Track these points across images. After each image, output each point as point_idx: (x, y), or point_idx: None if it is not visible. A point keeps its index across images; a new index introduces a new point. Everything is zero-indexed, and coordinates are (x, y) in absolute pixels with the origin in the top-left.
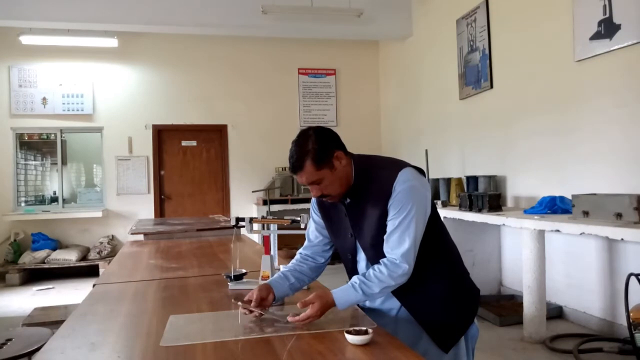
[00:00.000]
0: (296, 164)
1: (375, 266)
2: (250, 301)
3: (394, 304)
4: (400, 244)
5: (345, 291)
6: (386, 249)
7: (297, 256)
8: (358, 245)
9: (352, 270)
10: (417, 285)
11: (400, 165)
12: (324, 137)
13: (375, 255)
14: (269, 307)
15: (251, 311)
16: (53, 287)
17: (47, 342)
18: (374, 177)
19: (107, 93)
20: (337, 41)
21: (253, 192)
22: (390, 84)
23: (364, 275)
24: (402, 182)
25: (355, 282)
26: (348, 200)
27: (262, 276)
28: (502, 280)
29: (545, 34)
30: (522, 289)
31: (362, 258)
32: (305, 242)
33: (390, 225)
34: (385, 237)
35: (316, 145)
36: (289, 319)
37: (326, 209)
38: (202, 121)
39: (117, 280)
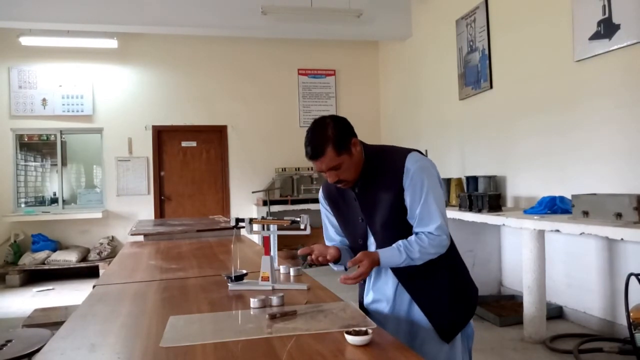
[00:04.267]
0: (317, 150)
1: (417, 235)
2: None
3: (390, 296)
4: (431, 219)
5: (389, 251)
6: (417, 227)
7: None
8: (369, 229)
9: None
10: (425, 273)
11: (406, 150)
12: (341, 124)
13: (386, 237)
14: (330, 261)
15: (311, 260)
16: (53, 288)
17: (47, 343)
18: (384, 161)
19: (107, 94)
20: (337, 42)
21: (253, 192)
22: (390, 84)
23: (407, 240)
24: (414, 162)
25: (400, 245)
26: (359, 184)
27: (262, 277)
28: (502, 281)
29: (545, 34)
30: (522, 289)
31: (372, 242)
32: (328, 243)
33: (413, 205)
34: (410, 216)
35: (336, 132)
36: (341, 281)
37: (334, 200)
38: (202, 122)
39: (117, 281)
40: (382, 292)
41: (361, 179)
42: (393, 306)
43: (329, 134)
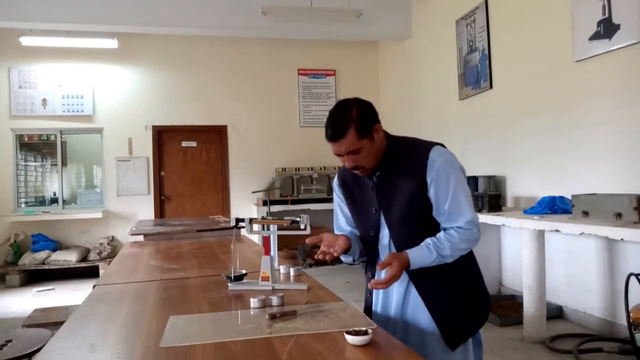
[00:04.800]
0: (339, 131)
1: (445, 231)
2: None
3: (400, 301)
4: (461, 213)
5: (419, 251)
6: (446, 223)
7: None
8: (382, 221)
9: (373, 249)
10: (438, 274)
11: (430, 142)
12: (366, 107)
13: (402, 231)
14: (338, 255)
15: (318, 255)
16: (53, 288)
17: (47, 343)
18: (406, 151)
19: (107, 94)
20: (337, 42)
21: (253, 192)
22: (390, 84)
23: (435, 237)
24: (439, 154)
25: (429, 244)
26: (378, 173)
27: (262, 277)
28: (502, 281)
29: (545, 34)
30: (522, 289)
31: (385, 235)
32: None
33: (440, 200)
34: (437, 212)
35: (360, 115)
36: (371, 285)
37: (349, 188)
38: (202, 122)
39: (117, 281)
40: (391, 297)
41: (380, 167)
42: (402, 312)
43: (352, 116)
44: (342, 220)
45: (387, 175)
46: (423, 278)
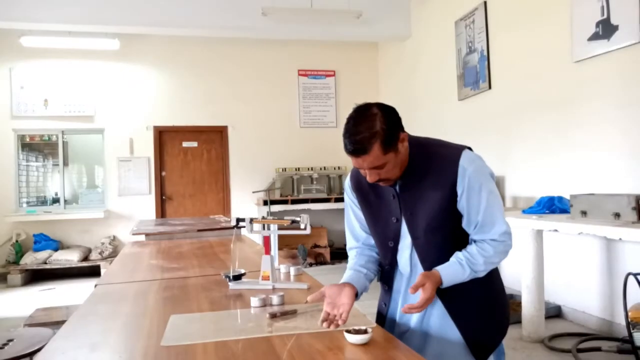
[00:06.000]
0: (362, 147)
1: (477, 244)
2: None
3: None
4: (494, 224)
5: (451, 267)
6: (477, 235)
7: (352, 252)
8: (403, 231)
9: (391, 260)
10: (465, 287)
11: (459, 146)
12: (391, 116)
13: (428, 242)
14: (344, 322)
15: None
16: (54, 288)
17: (49, 343)
18: (432, 156)
19: (109, 94)
20: (337, 42)
21: (253, 192)
22: (390, 85)
23: (467, 251)
24: (470, 161)
25: (461, 259)
26: (400, 181)
27: (262, 276)
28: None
29: (544, 35)
30: (520, 289)
31: (406, 245)
32: (352, 242)
33: (472, 211)
34: (468, 223)
35: (385, 126)
36: (404, 311)
37: (364, 193)
38: (203, 122)
39: (119, 281)
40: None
41: (404, 175)
42: (421, 321)
43: (377, 129)
44: (356, 225)
45: (412, 182)
46: (449, 290)
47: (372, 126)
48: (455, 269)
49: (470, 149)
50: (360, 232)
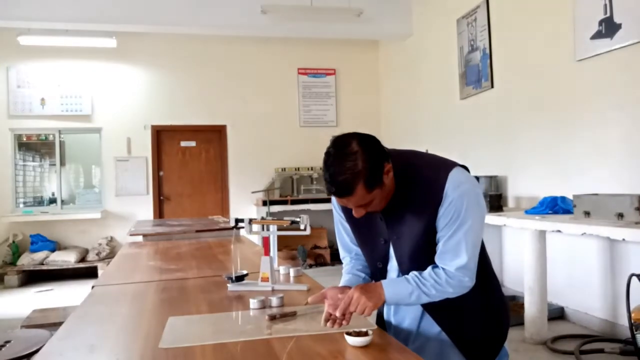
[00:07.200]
0: (344, 189)
1: (432, 268)
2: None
3: (418, 313)
4: (455, 256)
5: (395, 280)
6: (438, 259)
7: (347, 259)
8: (391, 253)
9: (380, 280)
10: (450, 302)
11: (447, 165)
12: (373, 150)
13: (413, 268)
14: (348, 322)
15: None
16: (52, 289)
17: (46, 344)
18: (418, 179)
19: (106, 93)
20: (337, 41)
21: (252, 192)
22: (391, 83)
23: (419, 272)
24: (455, 186)
25: (409, 277)
26: (386, 205)
27: (261, 278)
28: (503, 281)
29: (546, 33)
30: (523, 290)
31: (393, 268)
32: (344, 252)
33: (443, 235)
34: (437, 247)
35: (367, 164)
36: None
37: (351, 212)
38: (201, 121)
39: (116, 282)
40: (408, 309)
41: (390, 199)
42: (419, 324)
43: (359, 168)
44: (346, 238)
45: (398, 207)
46: (437, 307)
47: (354, 166)
48: (401, 282)
49: (464, 166)
50: (352, 245)
